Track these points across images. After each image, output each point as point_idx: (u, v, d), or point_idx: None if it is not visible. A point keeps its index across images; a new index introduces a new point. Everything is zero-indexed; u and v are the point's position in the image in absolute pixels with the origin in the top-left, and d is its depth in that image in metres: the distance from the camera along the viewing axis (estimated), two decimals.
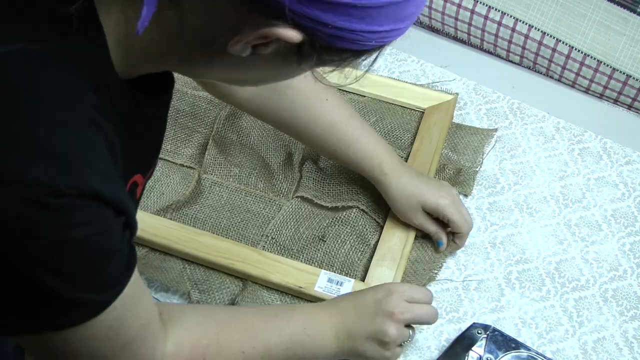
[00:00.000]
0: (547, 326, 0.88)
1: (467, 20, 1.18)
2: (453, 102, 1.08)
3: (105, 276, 0.51)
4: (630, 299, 0.90)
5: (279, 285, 0.89)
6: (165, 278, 0.90)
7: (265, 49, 0.50)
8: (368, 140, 0.92)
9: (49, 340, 0.52)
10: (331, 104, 0.90)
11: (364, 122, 0.93)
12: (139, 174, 0.61)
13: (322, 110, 0.90)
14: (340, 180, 1.00)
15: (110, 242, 0.50)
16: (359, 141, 0.91)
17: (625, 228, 0.97)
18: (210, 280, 0.91)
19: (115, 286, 0.53)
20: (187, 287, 0.90)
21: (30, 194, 0.44)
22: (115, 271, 0.52)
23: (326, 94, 0.90)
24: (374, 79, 1.12)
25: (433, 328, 0.88)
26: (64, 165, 0.46)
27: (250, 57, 0.52)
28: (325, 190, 0.99)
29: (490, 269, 0.93)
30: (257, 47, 0.51)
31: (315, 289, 0.88)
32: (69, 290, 0.49)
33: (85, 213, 0.47)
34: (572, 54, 1.11)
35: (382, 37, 0.51)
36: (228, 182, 1.01)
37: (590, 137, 1.07)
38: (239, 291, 0.90)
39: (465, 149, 1.04)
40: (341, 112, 0.91)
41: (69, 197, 0.46)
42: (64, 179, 0.46)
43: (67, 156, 0.46)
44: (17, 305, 0.49)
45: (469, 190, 1.00)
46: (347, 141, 0.91)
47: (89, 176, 0.47)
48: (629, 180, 1.02)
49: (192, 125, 1.06)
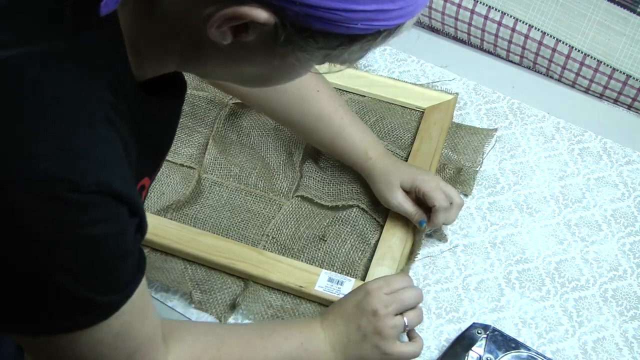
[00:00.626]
0: (547, 326, 0.88)
1: (467, 20, 1.18)
2: (453, 102, 1.08)
3: (117, 278, 0.51)
4: (630, 299, 0.90)
5: (279, 285, 0.89)
6: (166, 278, 0.90)
7: (246, 36, 0.49)
8: (356, 129, 0.93)
9: (54, 343, 0.51)
10: (322, 94, 0.92)
11: (352, 113, 0.95)
12: (146, 177, 0.61)
13: (313, 101, 0.91)
14: (340, 179, 1.00)
15: (125, 243, 0.50)
16: (346, 130, 0.93)
17: (625, 228, 0.97)
18: (211, 280, 0.91)
19: (126, 289, 0.52)
20: (189, 288, 0.90)
21: (50, 190, 0.44)
22: (127, 273, 0.52)
23: (318, 85, 0.91)
24: (374, 79, 1.12)
25: (433, 328, 0.88)
26: (84, 161, 0.46)
27: (235, 47, 0.50)
28: (325, 190, 1.00)
29: (490, 269, 0.93)
30: (237, 35, 0.49)
31: (316, 288, 0.88)
32: (82, 290, 0.48)
33: (105, 210, 0.47)
34: (572, 54, 1.11)
35: (370, 20, 0.48)
36: (228, 182, 1.01)
37: (590, 137, 1.07)
38: (240, 291, 0.90)
39: (465, 148, 1.05)
40: (331, 103, 0.92)
41: (88, 194, 0.45)
42: (83, 174, 0.45)
43: (86, 152, 0.46)
44: (27, 304, 0.48)
45: (469, 190, 1.00)
46: (336, 131, 0.92)
47: (108, 173, 0.47)
48: (629, 180, 1.02)
49: (192, 125, 1.06)
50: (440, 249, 0.95)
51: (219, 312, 0.88)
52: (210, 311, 0.89)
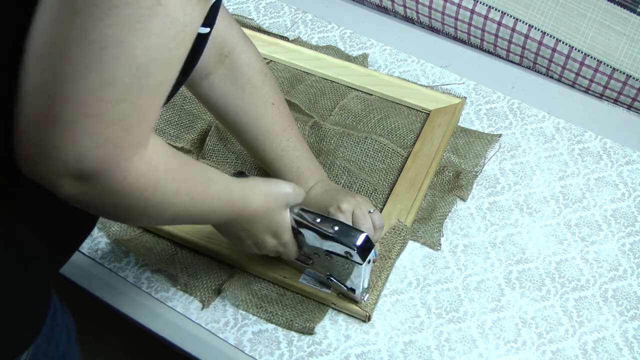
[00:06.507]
0: (547, 326, 0.88)
1: (467, 20, 1.18)
2: (460, 105, 1.08)
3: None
4: (630, 299, 0.90)
5: (264, 275, 0.91)
6: (156, 260, 0.93)
7: None
8: (298, 154, 0.90)
9: None
10: (276, 109, 0.88)
11: (299, 135, 0.91)
12: None
13: (266, 114, 0.88)
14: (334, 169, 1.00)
15: None
16: (289, 155, 0.89)
17: (625, 228, 0.97)
18: (199, 264, 0.93)
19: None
20: (177, 270, 0.92)
21: None
22: None
23: (274, 98, 0.88)
24: (382, 77, 1.12)
25: (433, 328, 0.88)
26: None
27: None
28: None
29: (490, 268, 0.93)
30: None
31: (300, 280, 0.89)
32: None
33: None
34: (572, 54, 1.11)
35: None
36: (224, 168, 1.02)
37: (590, 137, 1.07)
38: (226, 277, 0.92)
39: (467, 153, 1.04)
40: (283, 120, 0.89)
41: None
42: None
43: None
44: None
45: (466, 195, 0.99)
46: (279, 153, 0.89)
47: None
48: (629, 180, 1.02)
49: (197, 112, 1.09)
50: (441, 250, 0.95)
51: (203, 295, 0.90)
52: (195, 294, 0.91)
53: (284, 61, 1.17)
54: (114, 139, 0.49)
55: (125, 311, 0.91)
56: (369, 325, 0.88)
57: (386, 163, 1.02)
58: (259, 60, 0.87)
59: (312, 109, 1.10)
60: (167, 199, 0.58)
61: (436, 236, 0.95)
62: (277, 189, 0.78)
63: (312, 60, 1.15)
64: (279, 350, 0.86)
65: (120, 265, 0.94)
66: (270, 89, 0.88)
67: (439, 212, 0.97)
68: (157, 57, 0.49)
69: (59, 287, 0.74)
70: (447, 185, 1.01)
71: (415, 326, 0.88)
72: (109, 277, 0.94)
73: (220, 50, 0.84)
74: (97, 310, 1.01)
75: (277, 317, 0.88)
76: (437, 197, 0.99)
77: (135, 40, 0.47)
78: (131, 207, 0.56)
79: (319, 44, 1.21)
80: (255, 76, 0.86)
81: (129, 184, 0.52)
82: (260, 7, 1.29)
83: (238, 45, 0.85)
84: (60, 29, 0.47)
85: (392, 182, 1.00)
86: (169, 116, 1.07)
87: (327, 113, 1.10)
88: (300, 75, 1.15)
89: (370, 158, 1.02)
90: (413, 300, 0.90)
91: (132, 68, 0.48)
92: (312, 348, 0.86)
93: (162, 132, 1.06)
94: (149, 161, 0.53)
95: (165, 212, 0.60)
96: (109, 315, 0.95)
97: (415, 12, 1.23)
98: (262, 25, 1.26)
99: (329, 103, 1.11)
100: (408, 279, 0.92)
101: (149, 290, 0.92)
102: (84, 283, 0.93)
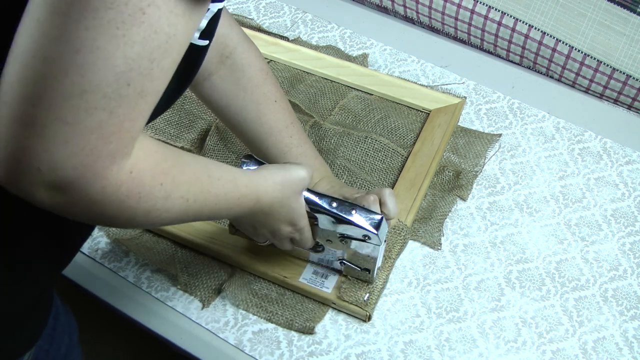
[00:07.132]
0: (547, 326, 0.88)
1: (467, 20, 1.18)
2: (460, 105, 1.08)
3: None
4: (630, 298, 0.90)
5: (264, 274, 0.91)
6: (156, 259, 0.93)
7: None
8: (302, 151, 0.90)
9: None
10: (278, 106, 0.88)
11: (302, 132, 0.91)
12: None
13: (268, 111, 0.88)
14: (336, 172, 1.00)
15: None
16: (292, 151, 0.89)
17: (625, 228, 0.97)
18: (199, 264, 0.93)
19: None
20: (177, 269, 0.92)
21: None
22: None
23: (276, 96, 0.88)
24: (383, 77, 1.12)
25: (433, 328, 0.88)
26: None
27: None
28: None
29: (490, 268, 0.93)
30: None
31: (300, 280, 0.89)
32: None
33: None
34: (572, 54, 1.11)
35: None
36: None
37: (590, 137, 1.07)
38: (226, 277, 0.92)
39: (467, 152, 1.04)
40: (285, 118, 0.89)
41: None
42: None
43: None
44: None
45: (466, 195, 1.00)
46: (282, 149, 0.89)
47: None
48: (629, 180, 1.02)
49: (198, 112, 1.09)
50: (441, 249, 0.95)
51: (204, 295, 0.90)
52: (195, 294, 0.91)
53: (284, 61, 1.17)
54: (89, 148, 0.47)
55: (125, 311, 0.91)
56: (369, 325, 0.88)
57: (386, 163, 1.02)
58: (260, 60, 0.88)
59: (312, 109, 1.10)
60: (157, 205, 0.56)
61: (436, 236, 0.95)
62: (293, 175, 0.76)
63: (312, 60, 1.15)
64: (279, 350, 0.86)
65: (120, 265, 0.95)
66: (272, 87, 0.88)
67: (439, 211, 0.97)
68: (138, 67, 0.47)
69: (59, 287, 0.74)
70: (447, 185, 1.01)
71: (415, 326, 0.88)
72: (109, 277, 0.94)
73: (221, 51, 0.84)
74: (97, 310, 1.01)
75: (277, 316, 0.88)
76: (437, 196, 0.99)
77: (114, 48, 0.46)
78: (115, 216, 0.54)
79: (319, 43, 1.22)
80: (257, 75, 0.86)
81: (110, 193, 0.50)
82: (260, 7, 1.29)
83: (239, 46, 0.85)
84: (40, 28, 0.45)
85: (392, 182, 1.00)
86: (169, 116, 1.07)
87: (327, 113, 1.10)
88: (300, 75, 1.15)
89: (370, 158, 1.02)
90: (413, 299, 0.90)
91: (109, 76, 0.46)
92: (312, 348, 0.87)
93: (162, 132, 1.06)
94: (130, 169, 0.51)
95: (158, 218, 0.58)
96: (109, 315, 0.96)
97: (415, 12, 1.23)
98: (262, 25, 1.26)
99: (329, 103, 1.11)
100: (408, 278, 0.92)
101: (149, 290, 0.92)
102: (84, 283, 0.93)
